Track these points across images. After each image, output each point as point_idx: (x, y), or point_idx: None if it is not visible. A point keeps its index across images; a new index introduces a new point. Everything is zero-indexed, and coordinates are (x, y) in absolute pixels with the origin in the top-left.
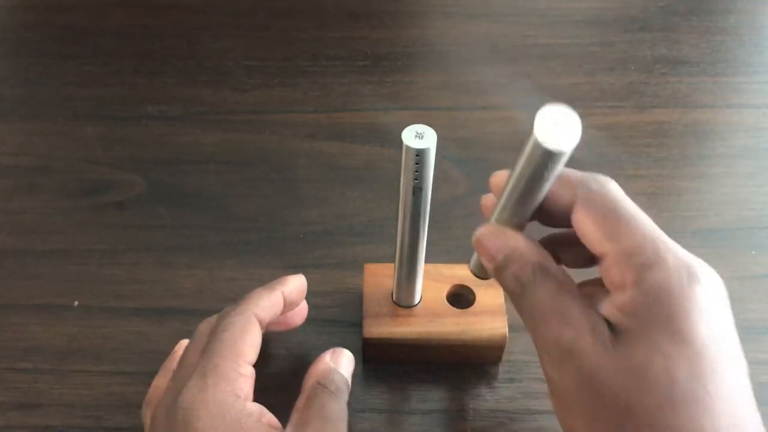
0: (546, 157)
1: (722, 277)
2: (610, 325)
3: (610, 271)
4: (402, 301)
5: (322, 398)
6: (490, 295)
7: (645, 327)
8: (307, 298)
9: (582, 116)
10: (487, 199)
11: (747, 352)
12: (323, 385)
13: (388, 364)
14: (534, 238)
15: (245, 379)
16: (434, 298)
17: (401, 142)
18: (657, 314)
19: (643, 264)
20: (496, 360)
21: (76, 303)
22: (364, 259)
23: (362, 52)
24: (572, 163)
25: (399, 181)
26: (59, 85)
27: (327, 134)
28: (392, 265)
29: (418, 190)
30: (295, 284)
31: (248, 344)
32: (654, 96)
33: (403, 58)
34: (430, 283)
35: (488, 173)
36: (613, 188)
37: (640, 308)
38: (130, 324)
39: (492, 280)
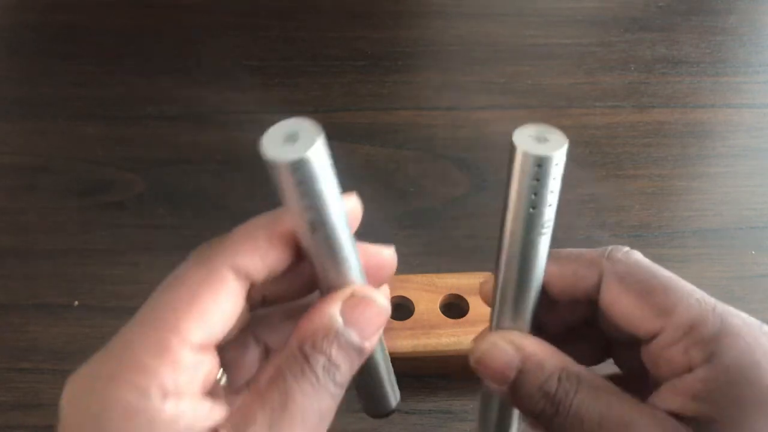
0: (537, 167)
1: (722, 276)
2: (680, 419)
3: (668, 352)
4: (373, 409)
5: (288, 381)
6: (484, 304)
7: (735, 411)
8: None
9: (582, 116)
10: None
11: None
12: (304, 358)
13: None
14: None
15: (174, 372)
16: (428, 309)
17: (401, 143)
18: (746, 392)
19: (712, 336)
20: None
21: (76, 303)
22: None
23: (362, 52)
24: (572, 163)
25: (399, 182)
26: (59, 85)
27: (327, 134)
28: None
29: (317, 226)
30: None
31: (199, 314)
32: (654, 96)
33: (403, 58)
34: (423, 293)
35: (488, 173)
36: (642, 257)
37: (722, 389)
38: None
39: None
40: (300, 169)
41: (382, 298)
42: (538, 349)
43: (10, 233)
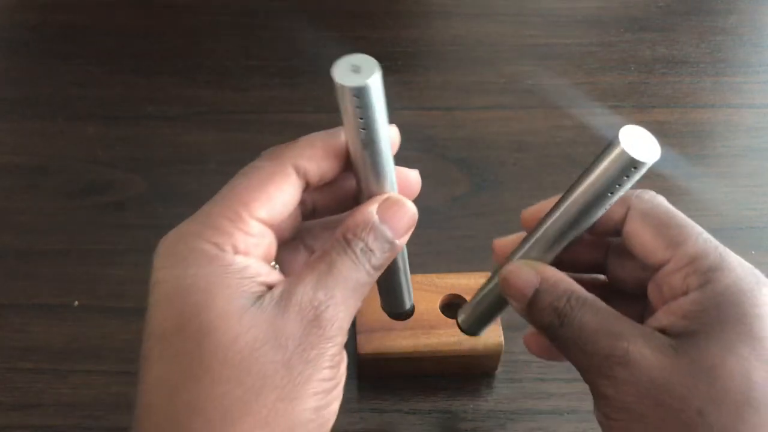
0: (628, 166)
1: None
2: (667, 335)
3: (671, 278)
4: (391, 308)
5: (332, 256)
6: None
7: (715, 328)
8: None
9: (582, 116)
10: (501, 243)
11: None
12: (345, 241)
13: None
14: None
15: (245, 236)
16: (428, 310)
17: (402, 143)
18: (729, 315)
19: (709, 267)
20: (493, 369)
21: (76, 303)
22: None
23: (362, 52)
24: (573, 162)
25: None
26: (59, 85)
27: None
28: None
29: (370, 143)
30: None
31: (267, 196)
32: (654, 96)
33: (403, 58)
34: (423, 293)
35: (488, 173)
36: (664, 201)
37: (707, 310)
38: (130, 324)
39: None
40: (360, 94)
41: (411, 204)
42: (553, 274)
43: (10, 233)
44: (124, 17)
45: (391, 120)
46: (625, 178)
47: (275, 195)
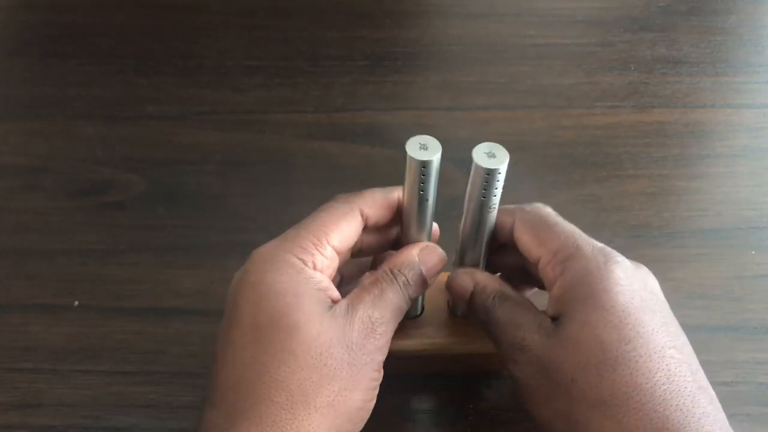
0: (483, 174)
1: (722, 276)
2: (553, 319)
3: (545, 271)
4: (406, 313)
5: (383, 285)
6: None
7: (573, 307)
8: None
9: (582, 116)
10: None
11: (747, 352)
12: (392, 275)
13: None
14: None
15: (322, 257)
16: (436, 309)
17: (402, 143)
18: (580, 293)
19: (565, 257)
20: (502, 367)
21: (76, 303)
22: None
23: (362, 52)
24: (573, 162)
25: (399, 182)
26: (59, 85)
27: (327, 134)
28: None
29: (424, 202)
30: None
31: (340, 229)
32: (654, 96)
33: (403, 58)
34: (432, 292)
35: None
36: (543, 207)
37: (566, 293)
38: (130, 324)
39: None
40: (426, 166)
41: (442, 252)
42: (484, 278)
43: (10, 233)
44: (124, 17)
45: (392, 119)
46: (485, 183)
47: (346, 229)
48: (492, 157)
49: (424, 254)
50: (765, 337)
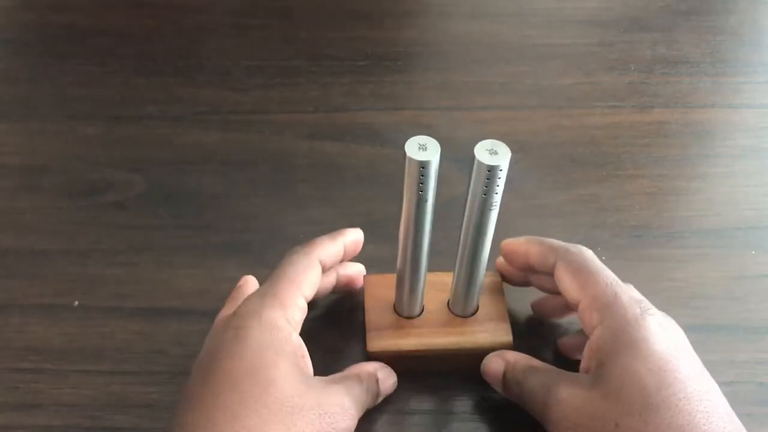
0: (488, 172)
1: (722, 277)
2: (588, 372)
3: (583, 315)
4: (404, 312)
5: (352, 381)
6: (492, 302)
7: (614, 356)
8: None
9: (582, 116)
10: (509, 243)
11: (747, 352)
12: (360, 380)
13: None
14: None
15: (298, 309)
16: (437, 308)
17: (402, 143)
18: (620, 343)
19: (604, 305)
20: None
21: (76, 303)
22: (365, 259)
23: (362, 52)
24: (573, 162)
25: (399, 182)
26: (59, 85)
27: (327, 134)
28: (391, 275)
29: (423, 202)
30: (354, 236)
31: (307, 280)
32: (654, 96)
33: (403, 58)
34: (433, 292)
35: None
36: (586, 251)
37: (607, 341)
38: (130, 324)
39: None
40: (425, 167)
41: (395, 378)
42: (513, 357)
43: (10, 233)
44: (124, 17)
45: (391, 119)
46: (487, 180)
47: (312, 279)
48: (494, 154)
49: (383, 375)
50: (765, 337)
